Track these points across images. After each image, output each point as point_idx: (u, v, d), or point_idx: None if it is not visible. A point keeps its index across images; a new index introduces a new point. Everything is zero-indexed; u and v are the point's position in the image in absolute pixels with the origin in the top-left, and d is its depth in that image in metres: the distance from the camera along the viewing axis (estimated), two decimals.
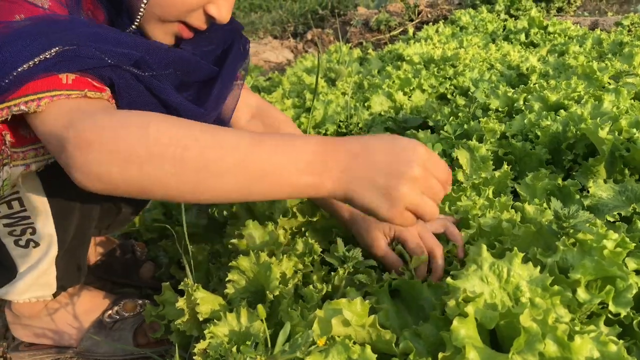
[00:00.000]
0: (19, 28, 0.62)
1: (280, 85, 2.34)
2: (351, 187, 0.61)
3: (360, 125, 1.91)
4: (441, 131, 1.54)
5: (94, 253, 1.20)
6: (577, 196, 1.12)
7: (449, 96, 2.06)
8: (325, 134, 1.91)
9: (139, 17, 0.76)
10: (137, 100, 0.72)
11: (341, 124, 1.93)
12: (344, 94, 2.13)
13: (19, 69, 0.59)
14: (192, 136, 0.57)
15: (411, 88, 2.07)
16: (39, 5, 0.65)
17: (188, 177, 0.56)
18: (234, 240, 0.93)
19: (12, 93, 0.60)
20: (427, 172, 0.62)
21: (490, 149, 1.38)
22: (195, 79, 0.86)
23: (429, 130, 1.63)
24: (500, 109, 1.66)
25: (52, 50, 0.61)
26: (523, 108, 1.58)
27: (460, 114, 1.65)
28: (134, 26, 0.78)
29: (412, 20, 3.69)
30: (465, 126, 1.54)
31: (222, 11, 0.80)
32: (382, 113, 1.97)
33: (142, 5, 0.75)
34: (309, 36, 3.73)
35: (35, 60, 0.60)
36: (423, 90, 2.08)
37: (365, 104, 2.02)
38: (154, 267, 1.23)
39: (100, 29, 0.71)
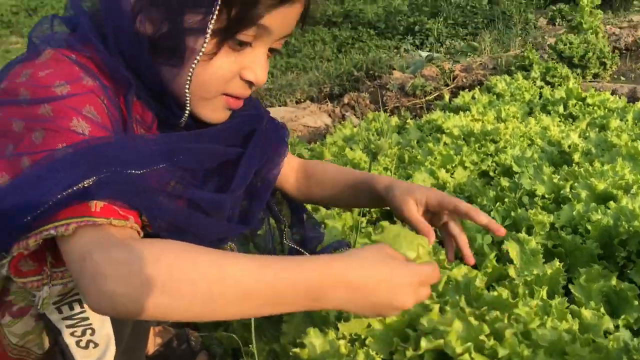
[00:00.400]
0: (59, 157, 0.66)
1: (321, 158, 2.40)
2: (352, 310, 0.70)
3: None
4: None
5: (152, 343, 1.24)
6: (636, 302, 1.11)
7: (491, 173, 2.08)
8: (369, 211, 1.94)
9: (187, 105, 0.80)
10: (162, 209, 0.76)
11: None
12: (386, 169, 2.17)
13: (55, 199, 0.63)
14: (200, 271, 0.61)
15: (453, 165, 2.09)
16: (79, 132, 0.68)
17: (198, 308, 0.61)
18: (295, 350, 0.95)
19: (47, 220, 0.64)
20: (422, 293, 0.72)
21: (540, 241, 1.39)
22: (219, 164, 0.89)
23: None
24: (546, 196, 1.67)
25: (89, 180, 0.65)
26: (570, 196, 1.58)
27: (506, 200, 1.67)
28: (186, 113, 0.82)
29: (447, 85, 3.76)
30: (513, 214, 1.56)
31: (258, 74, 0.82)
32: None
33: (187, 92, 0.79)
34: (345, 100, 3.81)
35: (70, 190, 0.63)
36: (465, 167, 2.10)
37: (408, 180, 2.04)
38: (208, 357, 1.26)
39: (135, 146, 0.74)
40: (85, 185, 0.64)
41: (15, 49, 9.95)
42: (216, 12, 0.72)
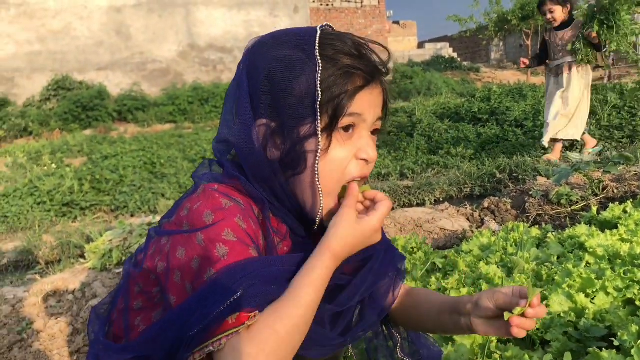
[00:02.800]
0: (209, 284, 0.81)
1: (456, 268, 2.44)
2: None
3: (537, 325, 1.91)
4: (628, 357, 1.49)
5: None
6: None
7: (637, 303, 1.97)
8: None
9: (319, 211, 0.96)
10: None
11: None
12: None
13: (212, 317, 0.78)
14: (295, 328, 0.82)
15: (594, 290, 2.02)
16: (221, 256, 0.83)
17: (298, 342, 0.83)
18: None
19: (206, 336, 0.78)
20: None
21: None
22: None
23: (615, 349, 1.59)
24: None
25: (230, 301, 0.79)
26: None
27: None
28: (317, 220, 0.97)
29: (596, 195, 3.61)
30: None
31: (369, 152, 0.98)
32: (562, 314, 1.95)
33: (318, 186, 0.94)
34: (485, 204, 3.81)
35: (222, 307, 0.78)
36: (607, 294, 2.02)
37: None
38: None
39: (269, 266, 0.87)
40: (234, 299, 0.80)
41: (187, 133, 11.36)
42: (319, 117, 0.90)
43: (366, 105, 0.95)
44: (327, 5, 19.75)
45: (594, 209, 3.19)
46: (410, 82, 16.00)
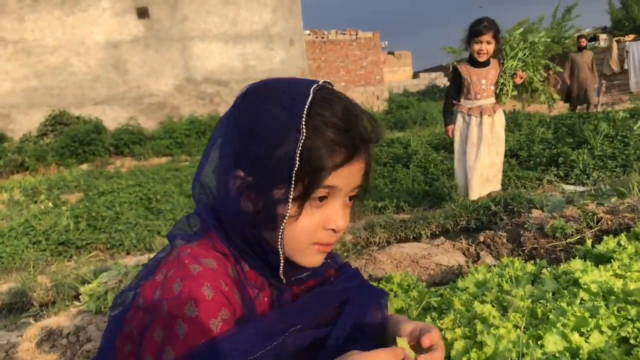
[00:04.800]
0: None
1: (451, 307, 2.43)
2: None
3: None
4: None
5: None
6: None
7: (632, 341, 1.96)
8: None
9: (281, 259, 0.97)
10: None
11: None
12: (515, 326, 2.15)
13: None
14: None
15: (588, 329, 2.02)
16: (180, 336, 0.81)
17: None
18: None
19: None
20: None
21: None
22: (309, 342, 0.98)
23: None
24: None
25: None
26: None
27: None
28: (280, 266, 0.98)
29: (590, 228, 3.62)
30: None
31: (339, 223, 0.98)
32: (557, 354, 1.94)
33: (280, 249, 0.95)
34: (481, 238, 3.82)
35: None
36: (602, 332, 2.01)
37: (539, 342, 2.01)
38: None
39: (245, 337, 0.86)
40: None
41: (184, 166, 11.41)
42: (292, 186, 0.90)
43: (343, 178, 0.96)
44: (323, 38, 20.06)
45: (589, 242, 3.20)
46: (405, 112, 16.16)
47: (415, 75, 24.92)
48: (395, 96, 19.57)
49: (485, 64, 4.90)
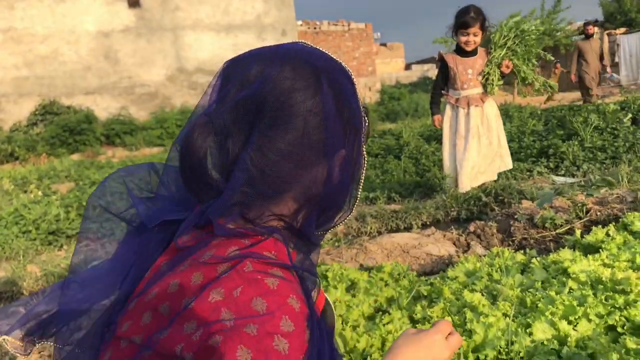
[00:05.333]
0: None
1: (441, 296, 2.45)
2: None
3: (521, 354, 1.92)
4: None
5: None
6: None
7: (619, 329, 1.99)
8: (485, 359, 1.95)
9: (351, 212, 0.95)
10: None
11: (501, 349, 1.96)
12: (505, 315, 2.17)
13: None
14: None
15: (576, 317, 2.04)
16: (281, 351, 0.72)
17: None
18: None
19: None
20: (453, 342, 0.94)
21: None
22: None
23: None
24: None
25: None
26: None
27: None
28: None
29: (579, 218, 3.65)
30: None
31: None
32: (545, 342, 1.96)
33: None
34: (471, 228, 3.84)
35: None
36: (589, 320, 2.04)
37: (527, 330, 2.03)
38: None
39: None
40: None
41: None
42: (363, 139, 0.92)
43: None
44: (315, 28, 19.98)
45: (578, 232, 3.23)
46: (397, 104, 16.15)
47: (408, 67, 24.90)
48: (387, 88, 19.55)
49: (473, 53, 4.81)
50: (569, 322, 2.04)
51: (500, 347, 1.96)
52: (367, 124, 0.93)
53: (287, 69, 0.84)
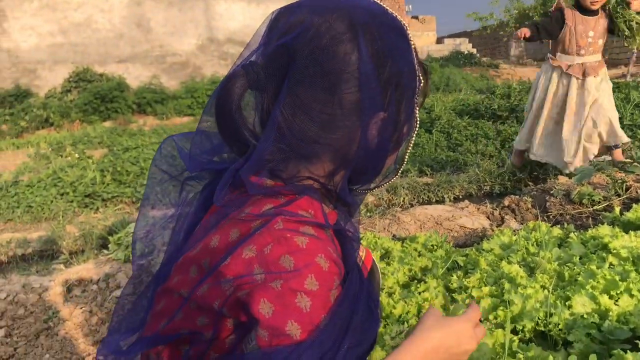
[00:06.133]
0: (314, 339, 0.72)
1: (477, 267, 2.44)
2: None
3: (560, 326, 1.90)
4: None
5: None
6: None
7: None
8: (522, 330, 1.94)
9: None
10: None
11: (539, 321, 1.94)
12: (543, 287, 2.15)
13: None
14: None
15: (618, 292, 2.01)
16: (303, 308, 0.73)
17: None
18: None
19: None
20: (478, 333, 0.89)
21: None
22: None
23: (639, 352, 1.59)
24: None
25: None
26: None
27: None
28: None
29: (619, 196, 3.57)
30: None
31: None
32: (585, 316, 1.94)
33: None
34: (506, 202, 3.79)
35: None
36: (632, 295, 2.01)
37: (567, 303, 2.01)
38: None
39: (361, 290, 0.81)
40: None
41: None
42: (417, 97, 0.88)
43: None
44: None
45: (617, 209, 3.16)
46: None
47: (439, 41, 24.41)
48: None
49: (595, 12, 3.98)
50: (610, 297, 2.01)
51: (539, 318, 1.95)
52: (421, 83, 0.87)
53: (327, 20, 0.80)
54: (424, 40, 24.27)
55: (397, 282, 2.37)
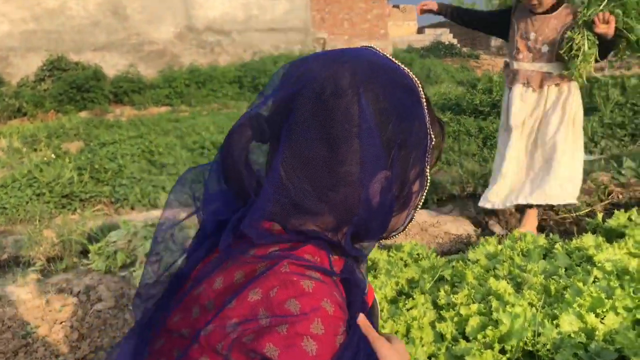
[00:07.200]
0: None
1: (464, 280, 2.43)
2: None
3: (548, 346, 1.91)
4: None
5: None
6: None
7: None
8: (511, 350, 1.94)
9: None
10: None
11: (527, 341, 1.95)
12: (531, 304, 2.15)
13: None
14: None
15: (604, 310, 2.03)
16: (309, 352, 0.73)
17: None
18: None
19: None
20: None
21: None
22: None
23: None
24: None
25: None
26: None
27: None
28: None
29: (601, 201, 3.61)
30: None
31: None
32: (572, 335, 1.95)
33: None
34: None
35: None
36: (617, 313, 2.02)
37: (554, 322, 2.01)
38: None
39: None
40: None
41: (184, 116, 11.26)
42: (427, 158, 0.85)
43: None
44: None
45: (599, 215, 3.19)
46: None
47: (420, 31, 24.39)
48: (398, 52, 19.20)
49: (551, 9, 3.20)
50: (597, 315, 2.02)
51: (527, 338, 1.95)
52: (432, 142, 0.84)
53: (329, 75, 0.78)
54: (405, 30, 24.24)
55: (385, 298, 2.35)
